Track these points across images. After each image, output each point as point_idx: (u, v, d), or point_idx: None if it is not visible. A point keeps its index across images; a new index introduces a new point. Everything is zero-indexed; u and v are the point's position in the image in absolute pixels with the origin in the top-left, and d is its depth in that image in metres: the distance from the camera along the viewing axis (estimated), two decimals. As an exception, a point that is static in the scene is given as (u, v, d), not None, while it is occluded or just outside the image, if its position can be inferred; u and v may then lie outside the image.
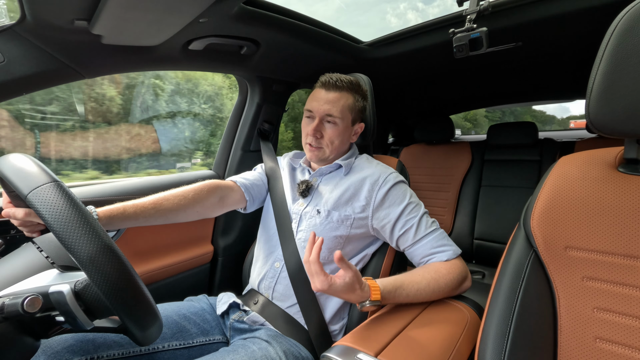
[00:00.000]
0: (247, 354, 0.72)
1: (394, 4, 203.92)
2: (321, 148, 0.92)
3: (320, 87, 0.92)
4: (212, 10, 0.77)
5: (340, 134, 0.91)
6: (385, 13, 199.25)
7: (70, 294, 0.49)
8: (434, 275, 0.77)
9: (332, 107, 0.89)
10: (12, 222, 0.67)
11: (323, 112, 0.90)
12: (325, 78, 0.92)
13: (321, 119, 0.91)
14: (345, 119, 0.91)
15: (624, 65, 0.48)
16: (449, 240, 0.84)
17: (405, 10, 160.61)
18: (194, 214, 0.88)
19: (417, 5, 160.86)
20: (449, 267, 0.79)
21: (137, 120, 2.36)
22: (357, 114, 0.94)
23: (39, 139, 1.68)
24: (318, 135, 0.91)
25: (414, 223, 0.83)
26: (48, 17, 0.69)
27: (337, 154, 0.96)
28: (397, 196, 0.86)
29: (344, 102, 0.90)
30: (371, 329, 0.66)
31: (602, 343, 0.52)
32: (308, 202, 0.93)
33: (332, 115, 0.89)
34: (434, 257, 0.81)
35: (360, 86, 0.95)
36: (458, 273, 0.79)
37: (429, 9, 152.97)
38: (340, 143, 0.93)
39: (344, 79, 0.91)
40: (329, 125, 0.91)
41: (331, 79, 0.90)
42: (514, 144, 1.84)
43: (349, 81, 0.92)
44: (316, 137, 0.91)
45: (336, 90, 0.90)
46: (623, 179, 0.54)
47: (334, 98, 0.90)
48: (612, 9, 0.54)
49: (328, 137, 0.91)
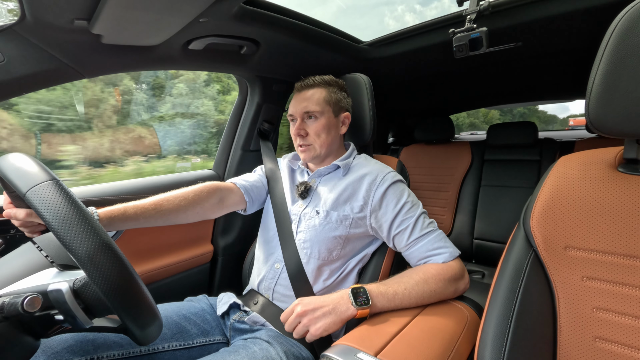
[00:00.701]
0: (248, 355, 0.72)
1: (392, 7, 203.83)
2: (310, 145, 0.94)
3: (296, 92, 0.98)
4: (212, 10, 0.77)
5: (325, 126, 0.93)
6: (384, 16, 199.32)
7: (69, 292, 0.49)
8: (422, 277, 0.76)
9: (308, 104, 0.93)
10: (13, 222, 0.67)
11: (301, 111, 0.93)
12: (299, 83, 0.97)
13: (302, 118, 0.94)
14: (325, 111, 0.93)
15: (623, 65, 0.48)
16: (447, 242, 0.83)
17: (403, 13, 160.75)
18: (194, 215, 0.89)
19: (414, 7, 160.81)
20: (440, 269, 0.78)
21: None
22: (336, 105, 0.96)
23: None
24: (303, 133, 0.93)
25: (410, 223, 0.83)
26: (48, 17, 0.69)
27: (328, 149, 0.96)
28: (395, 195, 0.86)
29: (318, 96, 0.93)
30: (371, 329, 0.66)
31: (601, 343, 0.52)
32: (307, 203, 0.93)
33: (310, 110, 0.92)
34: (429, 260, 0.81)
35: (334, 81, 0.98)
36: (451, 275, 0.77)
37: (426, 11, 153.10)
38: (327, 135, 0.94)
39: (315, 77, 0.96)
40: (310, 121, 0.94)
41: (303, 82, 0.96)
42: (513, 144, 1.84)
43: (321, 78, 0.96)
44: (302, 136, 0.94)
45: (308, 88, 0.95)
46: (623, 179, 0.54)
47: (308, 95, 0.94)
48: (612, 9, 0.54)
49: (313, 131, 0.93)
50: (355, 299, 0.70)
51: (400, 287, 0.74)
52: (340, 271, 0.88)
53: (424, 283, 0.75)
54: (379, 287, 0.73)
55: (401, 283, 0.75)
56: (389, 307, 0.73)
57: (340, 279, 0.88)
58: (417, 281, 0.75)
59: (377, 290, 0.73)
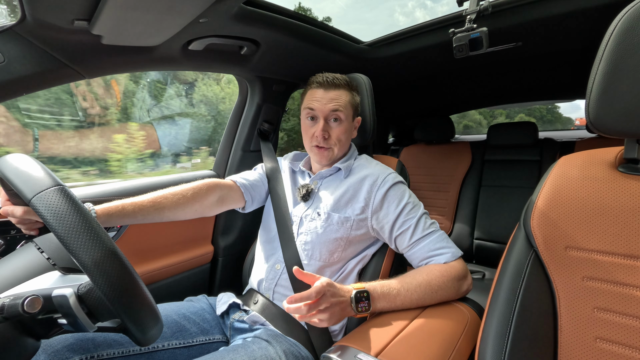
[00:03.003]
0: (247, 354, 0.72)
1: (402, 1, 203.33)
2: (330, 148, 0.92)
3: (317, 87, 0.91)
4: (212, 11, 0.77)
5: (346, 130, 0.92)
6: (394, 11, 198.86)
7: (74, 298, 0.49)
8: (425, 277, 0.76)
9: (336, 105, 0.89)
10: (10, 219, 0.67)
11: (328, 111, 0.89)
12: (322, 78, 0.91)
13: (326, 119, 0.90)
14: (348, 115, 0.92)
15: (623, 65, 0.48)
16: (449, 242, 0.83)
17: (413, 9, 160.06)
18: (192, 213, 0.89)
19: (425, 3, 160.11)
20: (443, 269, 0.78)
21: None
22: (355, 109, 0.96)
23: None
24: (326, 135, 0.90)
25: (412, 224, 0.83)
26: (48, 17, 0.69)
27: (342, 152, 0.96)
28: (396, 196, 0.86)
29: (345, 99, 0.91)
30: (371, 329, 0.66)
31: (602, 343, 0.52)
32: (309, 205, 0.93)
33: (338, 112, 0.89)
34: (432, 260, 0.81)
35: (353, 82, 0.97)
36: (455, 275, 0.77)
37: (437, 7, 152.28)
38: (347, 140, 0.94)
39: (339, 77, 0.92)
40: (335, 123, 0.91)
41: (328, 78, 0.91)
42: (514, 144, 1.84)
43: (344, 78, 0.94)
44: (324, 138, 0.90)
45: (335, 88, 0.91)
46: (623, 179, 0.54)
47: (335, 96, 0.90)
48: (612, 9, 0.54)
49: (335, 135, 0.91)
50: (357, 304, 0.69)
51: (403, 287, 0.74)
52: (340, 272, 0.88)
53: (427, 284, 0.75)
54: (382, 288, 0.73)
55: (404, 283, 0.75)
56: (389, 308, 0.73)
57: (340, 279, 0.88)
58: (419, 282, 0.75)
59: (380, 290, 0.72)
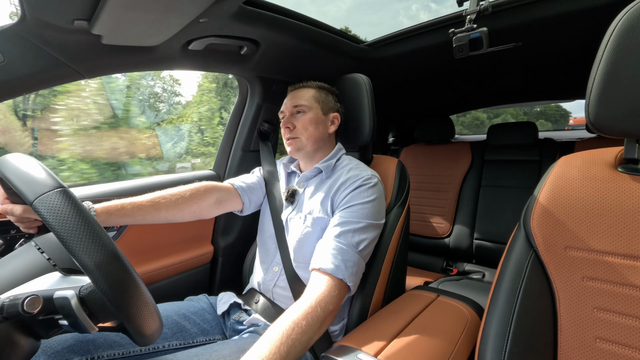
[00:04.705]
0: (237, 345, 0.73)
1: (406, 4, 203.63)
2: (297, 138, 0.95)
3: (288, 94, 1.02)
4: (212, 10, 0.77)
5: (312, 120, 0.94)
6: (397, 14, 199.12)
7: (76, 300, 0.49)
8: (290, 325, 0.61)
9: (297, 99, 0.97)
10: (9, 218, 0.67)
11: (291, 106, 0.97)
12: (291, 86, 1.02)
13: (291, 113, 0.97)
14: (313, 107, 0.95)
15: (623, 65, 0.48)
16: (347, 264, 0.74)
17: (417, 11, 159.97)
18: (190, 214, 0.89)
19: (429, 5, 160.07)
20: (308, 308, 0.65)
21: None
22: (325, 104, 0.98)
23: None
24: (290, 125, 0.95)
25: (347, 222, 0.78)
26: (48, 17, 0.69)
27: (315, 144, 0.95)
28: (358, 194, 0.83)
29: (308, 94, 0.97)
30: (371, 329, 0.66)
31: (602, 343, 0.52)
32: (294, 208, 0.94)
33: (298, 104, 0.95)
34: (322, 262, 0.74)
35: (325, 86, 1.01)
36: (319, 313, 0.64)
37: (441, 10, 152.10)
38: (315, 130, 0.94)
39: (309, 82, 1.01)
40: (299, 115, 0.96)
41: (297, 85, 1.01)
42: (514, 144, 1.84)
43: (314, 82, 1.00)
44: (289, 129, 0.95)
45: (300, 88, 1.00)
46: (623, 179, 0.54)
47: (300, 95, 0.98)
48: (612, 9, 0.54)
49: (300, 124, 0.95)
50: None
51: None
52: None
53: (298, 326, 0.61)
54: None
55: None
56: None
57: None
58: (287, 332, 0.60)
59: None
